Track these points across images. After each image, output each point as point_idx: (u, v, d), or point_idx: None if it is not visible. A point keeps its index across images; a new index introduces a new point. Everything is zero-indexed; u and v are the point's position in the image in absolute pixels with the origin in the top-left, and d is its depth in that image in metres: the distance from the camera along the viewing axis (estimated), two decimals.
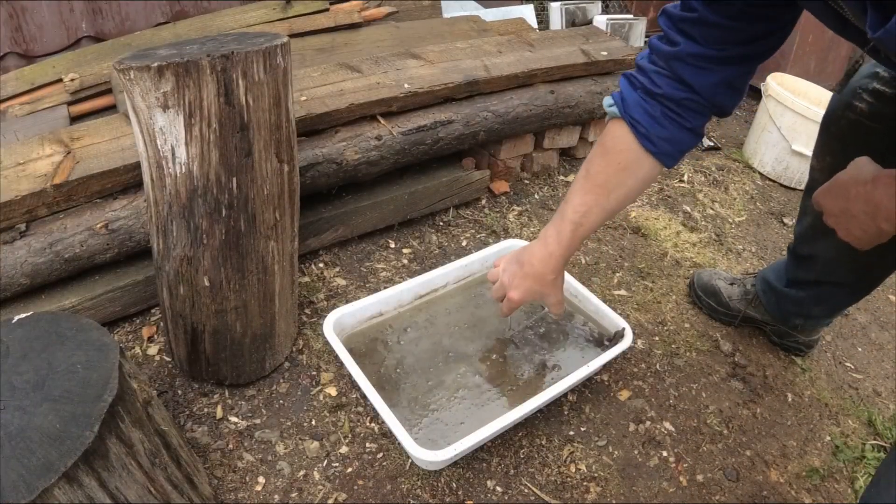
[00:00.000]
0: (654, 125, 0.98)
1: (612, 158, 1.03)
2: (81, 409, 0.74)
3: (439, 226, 1.73)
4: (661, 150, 1.00)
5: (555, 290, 1.13)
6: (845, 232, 0.87)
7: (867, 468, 1.25)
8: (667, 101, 0.96)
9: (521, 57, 1.77)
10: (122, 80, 0.94)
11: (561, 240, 1.07)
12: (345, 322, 1.28)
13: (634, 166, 1.02)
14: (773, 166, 2.18)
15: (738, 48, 0.90)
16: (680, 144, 1.01)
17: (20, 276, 1.18)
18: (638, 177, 1.03)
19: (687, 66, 0.93)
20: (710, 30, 0.89)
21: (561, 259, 1.09)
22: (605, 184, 1.03)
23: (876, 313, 1.67)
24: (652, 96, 0.97)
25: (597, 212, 1.05)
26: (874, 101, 1.03)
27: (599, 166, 1.04)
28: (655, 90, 0.96)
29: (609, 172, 1.03)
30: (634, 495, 1.14)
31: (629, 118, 0.99)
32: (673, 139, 0.99)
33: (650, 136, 0.98)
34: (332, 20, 2.02)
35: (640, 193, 1.10)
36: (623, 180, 1.03)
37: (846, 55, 2.92)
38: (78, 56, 1.81)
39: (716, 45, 0.90)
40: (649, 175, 1.05)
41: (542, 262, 1.10)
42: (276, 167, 1.08)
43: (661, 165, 1.03)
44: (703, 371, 1.40)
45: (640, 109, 0.98)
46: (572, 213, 1.06)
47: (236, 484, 1.09)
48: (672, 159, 1.03)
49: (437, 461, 1.03)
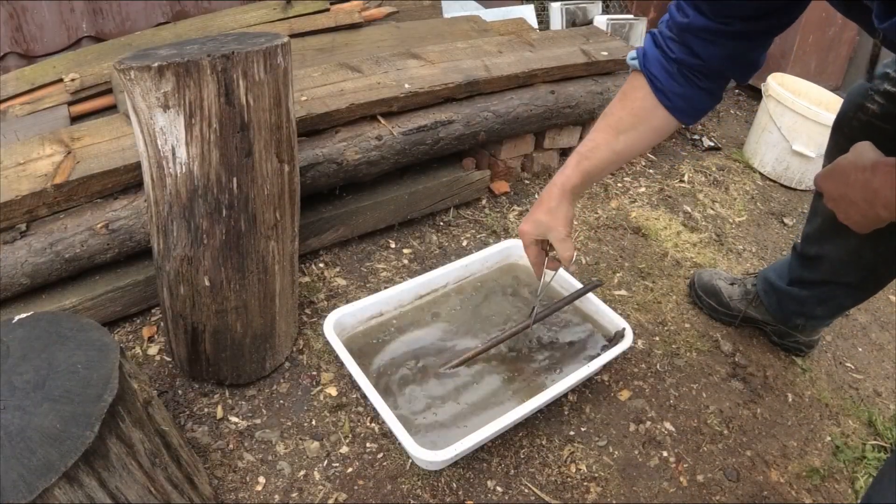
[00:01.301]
0: (670, 81, 1.01)
1: (626, 103, 1.07)
2: (82, 409, 0.74)
3: (440, 226, 1.73)
4: (675, 105, 1.03)
5: (556, 220, 1.10)
6: (844, 215, 0.88)
7: (867, 468, 1.25)
8: (681, 64, 1.00)
9: (522, 57, 1.77)
10: (122, 80, 0.94)
11: (565, 170, 1.09)
12: (345, 322, 1.28)
13: (647, 114, 1.05)
14: (773, 166, 2.18)
15: (741, 23, 0.91)
16: (695, 103, 1.03)
17: (20, 276, 1.18)
18: (650, 125, 1.06)
19: (695, 38, 0.96)
20: (716, 4, 0.90)
21: (560, 187, 1.09)
22: (616, 125, 1.07)
23: (876, 313, 1.67)
24: (668, 58, 1.01)
25: (604, 149, 1.07)
26: (885, 102, 1.04)
27: (614, 108, 1.08)
28: (670, 54, 1.00)
29: (621, 115, 1.07)
30: (635, 495, 1.14)
31: (647, 72, 1.03)
32: (687, 97, 1.02)
33: (665, 91, 1.02)
34: (333, 20, 2.02)
35: (650, 144, 1.12)
36: (634, 124, 1.06)
37: (846, 55, 2.92)
38: (78, 56, 1.81)
39: (720, 19, 0.92)
40: (662, 127, 1.06)
41: (546, 191, 1.11)
42: (276, 167, 1.08)
43: (677, 121, 1.06)
44: (704, 371, 1.40)
45: (658, 65, 1.02)
46: (581, 148, 1.09)
47: (237, 484, 1.09)
48: (687, 116, 1.05)
49: (437, 461, 1.03)
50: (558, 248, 1.13)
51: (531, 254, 1.18)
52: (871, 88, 1.06)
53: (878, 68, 1.07)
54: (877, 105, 1.05)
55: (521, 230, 1.15)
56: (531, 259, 1.19)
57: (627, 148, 1.08)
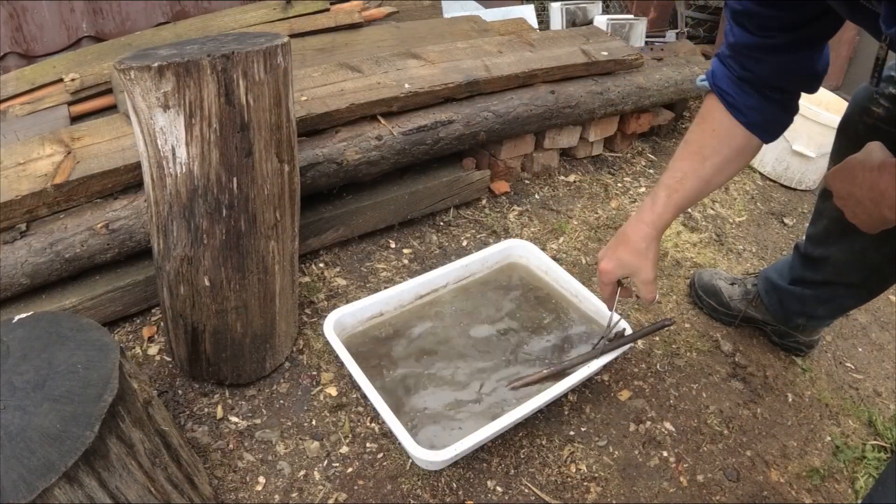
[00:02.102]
0: (741, 94, 0.99)
1: (706, 126, 1.04)
2: (82, 409, 0.74)
3: (440, 226, 1.73)
4: (751, 120, 1.00)
5: (645, 262, 1.06)
6: (851, 215, 0.88)
7: (867, 468, 1.25)
8: (744, 80, 0.99)
9: (522, 57, 1.77)
10: (122, 80, 0.94)
11: (655, 206, 1.05)
12: (345, 322, 1.28)
13: (727, 135, 1.02)
14: (773, 166, 2.18)
15: (783, 35, 0.91)
16: (769, 116, 1.01)
17: (20, 276, 1.18)
18: (732, 146, 1.03)
19: (746, 56, 0.96)
20: (756, 19, 0.91)
21: (652, 226, 1.05)
22: (699, 150, 1.04)
23: (876, 313, 1.67)
24: (735, 76, 1.00)
25: (692, 178, 1.04)
26: (891, 105, 1.04)
27: (695, 134, 1.06)
28: (734, 72, 1.00)
29: (703, 140, 1.04)
30: (635, 495, 1.14)
31: (717, 88, 1.02)
32: (762, 109, 1.00)
33: (738, 105, 1.00)
34: (333, 20, 2.02)
35: (738, 167, 1.07)
36: (717, 148, 1.03)
37: (846, 55, 2.92)
38: (78, 56, 1.81)
39: (762, 33, 0.92)
40: (744, 147, 1.03)
41: (633, 229, 1.07)
42: (276, 167, 1.08)
43: (757, 139, 1.03)
44: (704, 371, 1.40)
45: (726, 80, 1.01)
46: (667, 179, 1.05)
47: (237, 484, 1.09)
48: (764, 132, 1.02)
49: (437, 461, 1.03)
50: (642, 290, 1.09)
51: (606, 292, 1.15)
52: (877, 91, 1.06)
53: (885, 71, 1.07)
54: (882, 108, 1.05)
55: (602, 269, 1.11)
56: (605, 295, 1.16)
57: (716, 174, 1.04)
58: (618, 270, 1.10)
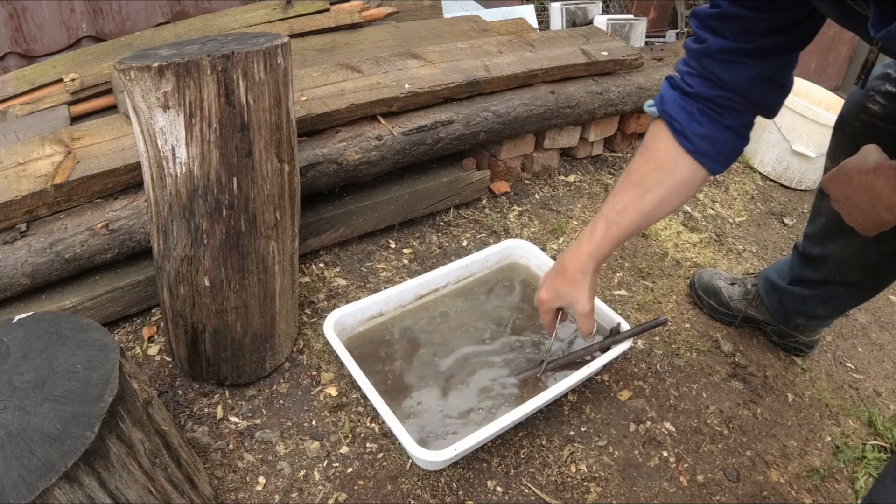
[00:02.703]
0: (691, 122, 0.96)
1: (649, 156, 1.01)
2: (82, 409, 0.74)
3: (440, 226, 1.73)
4: (699, 150, 0.97)
5: (581, 293, 1.05)
6: (849, 217, 0.88)
7: (867, 468, 1.25)
8: (702, 99, 0.95)
9: (522, 57, 1.77)
10: (122, 80, 0.94)
11: (593, 238, 1.03)
12: (345, 322, 1.28)
13: (670, 165, 0.99)
14: (773, 166, 2.18)
15: (765, 39, 0.89)
16: (720, 145, 0.98)
17: (21, 276, 1.18)
18: (675, 177, 1.00)
19: (716, 61, 0.92)
20: (735, 23, 0.89)
21: (589, 258, 1.04)
22: (641, 182, 1.01)
23: (876, 313, 1.67)
24: (688, 95, 0.96)
25: (632, 211, 1.01)
26: (887, 102, 1.04)
27: (637, 164, 1.02)
28: (689, 90, 0.96)
29: (645, 171, 1.01)
30: (635, 495, 1.14)
31: (666, 116, 0.98)
32: (711, 138, 0.97)
33: (686, 133, 0.97)
34: (333, 20, 2.02)
35: (681, 199, 1.04)
36: (659, 179, 1.00)
37: (846, 55, 2.92)
38: (78, 56, 1.81)
39: (743, 38, 0.89)
40: (689, 178, 1.00)
41: (571, 260, 1.06)
42: (276, 167, 1.08)
43: (704, 169, 0.99)
44: (704, 371, 1.40)
45: (676, 106, 0.97)
46: (607, 211, 1.03)
47: (237, 484, 1.09)
48: (714, 162, 0.99)
49: (437, 461, 1.03)
50: (579, 322, 1.09)
51: (546, 321, 1.14)
52: (873, 89, 1.06)
53: (878, 68, 1.07)
54: (878, 106, 1.05)
55: (539, 298, 1.10)
56: (545, 323, 1.16)
57: (656, 207, 1.01)
58: (555, 301, 1.10)
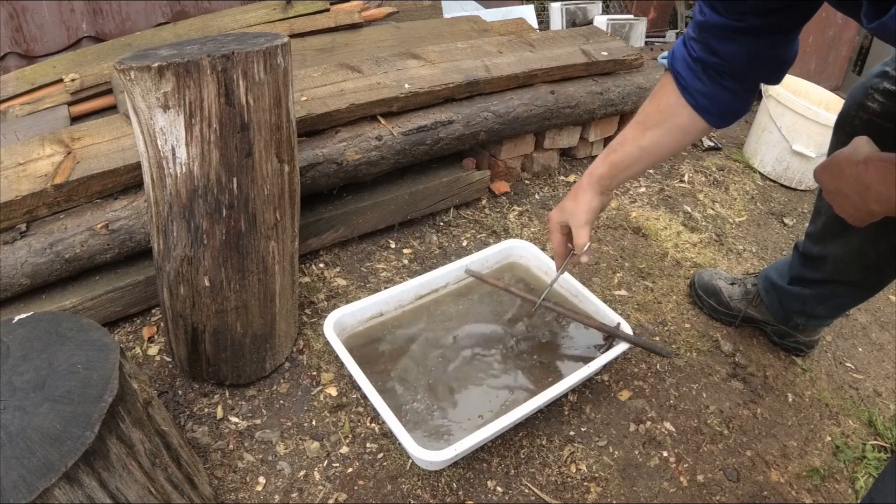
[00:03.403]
0: (694, 80, 1.03)
1: (654, 100, 1.10)
2: (82, 410, 0.74)
3: (440, 226, 1.73)
4: (700, 105, 1.04)
5: (577, 207, 1.15)
6: (840, 208, 0.89)
7: (867, 468, 1.25)
8: (704, 64, 1.01)
9: (522, 57, 1.77)
10: (122, 80, 0.94)
11: (595, 161, 1.15)
12: (345, 322, 1.28)
13: (672, 111, 1.07)
14: (773, 166, 2.18)
15: (756, 18, 0.91)
16: (720, 104, 1.04)
17: (21, 277, 1.18)
18: (675, 122, 1.07)
19: (714, 36, 0.97)
20: (728, 1, 0.91)
21: (588, 176, 1.15)
22: (644, 121, 1.10)
23: (876, 313, 1.67)
24: (692, 57, 1.03)
25: (630, 144, 1.11)
26: (885, 100, 1.04)
27: (644, 106, 1.12)
28: (693, 54, 1.02)
29: (649, 111, 1.10)
30: (635, 495, 1.14)
31: (673, 70, 1.05)
32: (712, 96, 1.03)
33: (689, 89, 1.03)
34: (333, 20, 2.02)
35: (678, 143, 1.13)
36: (660, 121, 1.08)
37: (846, 55, 2.92)
38: (78, 56, 1.81)
39: (734, 16, 0.92)
40: (688, 126, 1.08)
41: (577, 182, 1.17)
42: (276, 167, 1.08)
43: (704, 122, 1.07)
44: (704, 371, 1.40)
45: (683, 64, 1.04)
46: (612, 142, 1.14)
47: (237, 484, 1.09)
48: (712, 116, 1.06)
49: (437, 461, 1.03)
50: (574, 234, 1.16)
51: (554, 240, 1.22)
52: (872, 87, 1.06)
53: (878, 66, 1.07)
54: (877, 104, 1.05)
55: (548, 216, 1.21)
56: (554, 246, 1.23)
57: (653, 144, 1.10)
58: (557, 215, 1.19)
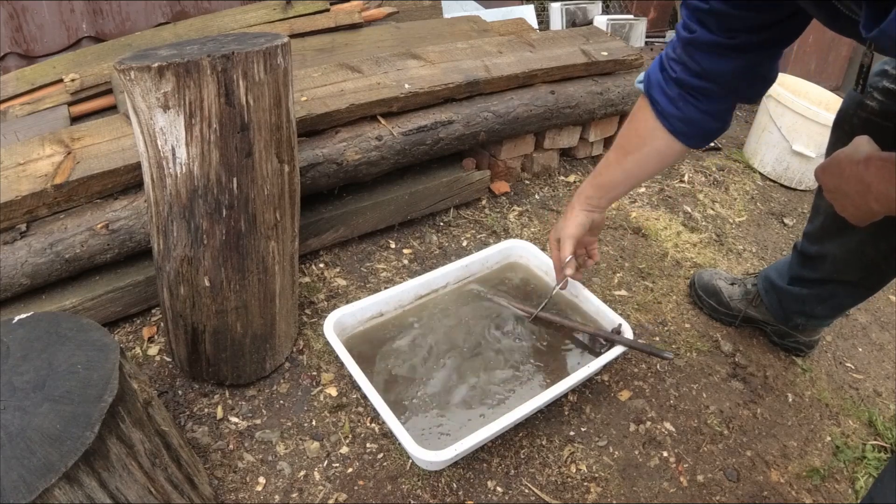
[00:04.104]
0: (669, 105, 1.05)
1: (632, 125, 1.14)
2: (82, 410, 0.74)
3: (440, 226, 1.73)
4: (677, 129, 1.07)
5: (566, 222, 1.22)
6: (840, 208, 0.89)
7: (868, 468, 1.25)
8: (683, 85, 1.02)
9: (522, 57, 1.77)
10: (122, 80, 0.94)
11: (584, 183, 1.22)
12: (345, 322, 1.28)
13: (649, 136, 1.10)
14: (773, 166, 2.18)
15: (747, 36, 0.92)
16: (696, 127, 1.06)
17: (21, 277, 1.18)
18: (653, 147, 1.11)
19: (702, 52, 0.98)
20: (721, 19, 0.92)
21: (577, 196, 1.21)
22: (624, 145, 1.15)
23: (876, 314, 1.67)
24: (671, 79, 1.04)
25: (614, 167, 1.16)
26: (885, 99, 1.04)
27: (623, 130, 1.17)
28: (672, 74, 1.03)
29: (629, 135, 1.14)
30: (635, 495, 1.14)
31: (649, 96, 1.08)
32: (688, 120, 1.05)
33: (665, 115, 1.06)
34: (333, 20, 2.02)
35: (658, 166, 1.16)
36: (638, 145, 1.12)
37: (846, 55, 2.92)
38: (78, 56, 1.81)
39: (726, 33, 0.93)
40: (665, 149, 1.11)
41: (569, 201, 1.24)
42: (276, 167, 1.08)
43: (680, 143, 1.09)
44: (704, 371, 1.40)
45: (658, 89, 1.06)
46: (598, 164, 1.20)
47: (237, 484, 1.09)
48: (691, 139, 1.09)
49: (437, 461, 1.03)
50: (560, 245, 1.23)
51: (552, 256, 1.28)
52: (871, 85, 1.06)
53: (876, 66, 1.07)
54: (876, 102, 1.05)
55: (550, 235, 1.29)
56: (553, 261, 1.30)
57: (635, 167, 1.14)
58: (552, 232, 1.27)
